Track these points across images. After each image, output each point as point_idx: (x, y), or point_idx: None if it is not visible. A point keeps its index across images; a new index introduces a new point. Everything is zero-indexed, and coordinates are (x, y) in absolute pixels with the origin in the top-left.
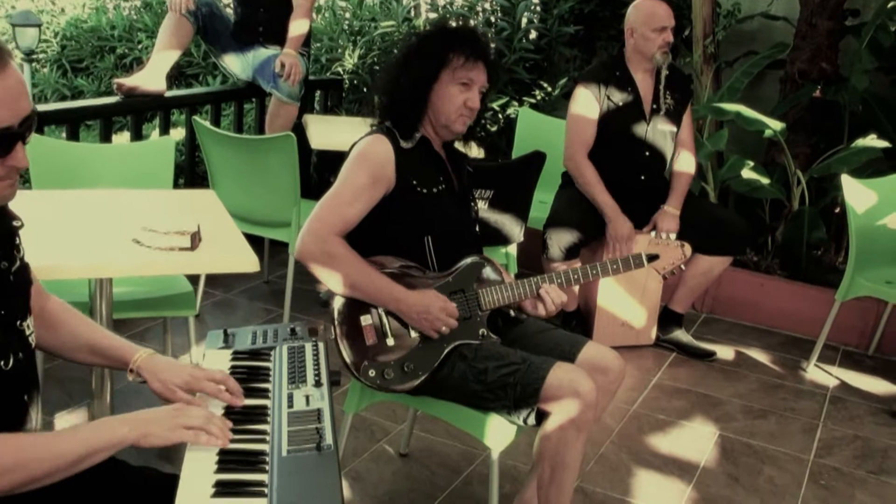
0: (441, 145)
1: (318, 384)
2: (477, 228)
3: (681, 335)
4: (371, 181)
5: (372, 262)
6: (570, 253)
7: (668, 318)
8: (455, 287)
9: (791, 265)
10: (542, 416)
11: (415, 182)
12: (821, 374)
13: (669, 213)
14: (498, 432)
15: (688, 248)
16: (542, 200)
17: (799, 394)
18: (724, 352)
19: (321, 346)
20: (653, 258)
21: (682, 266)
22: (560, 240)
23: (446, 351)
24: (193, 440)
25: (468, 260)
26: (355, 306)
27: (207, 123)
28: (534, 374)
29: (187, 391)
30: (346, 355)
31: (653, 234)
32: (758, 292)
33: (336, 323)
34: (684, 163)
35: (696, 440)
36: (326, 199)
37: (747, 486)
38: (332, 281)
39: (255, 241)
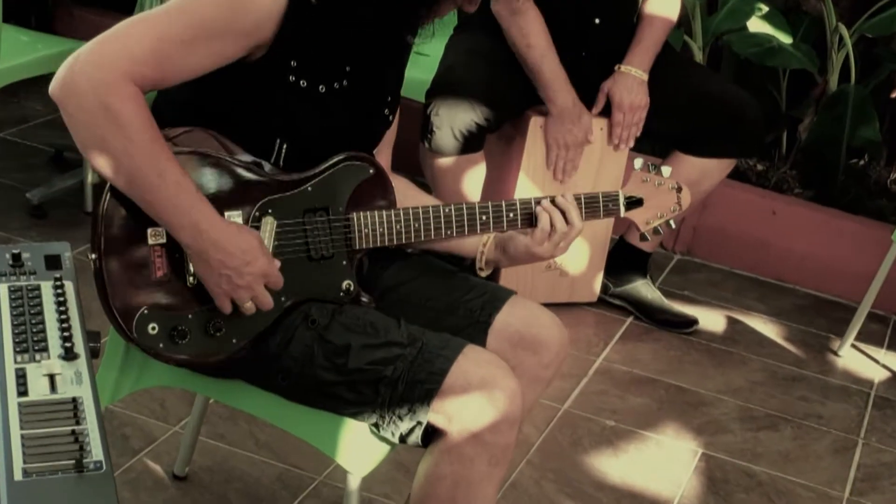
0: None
1: (69, 355)
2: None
3: (642, 288)
4: (230, 28)
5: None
6: (469, 143)
7: (622, 260)
8: (312, 202)
9: (819, 181)
10: (431, 434)
11: (294, 64)
12: (861, 360)
13: (631, 78)
14: (359, 449)
15: (686, 195)
16: (425, 53)
17: (827, 391)
18: (711, 319)
19: (69, 287)
20: (633, 203)
21: (673, 223)
22: (454, 118)
23: (284, 307)
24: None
25: (341, 158)
26: (135, 211)
27: None
28: (426, 366)
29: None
30: (113, 295)
31: (637, 163)
32: (765, 223)
33: (100, 236)
34: (661, 2)
35: (665, 463)
36: (140, 22)
37: None
38: (100, 158)
39: None
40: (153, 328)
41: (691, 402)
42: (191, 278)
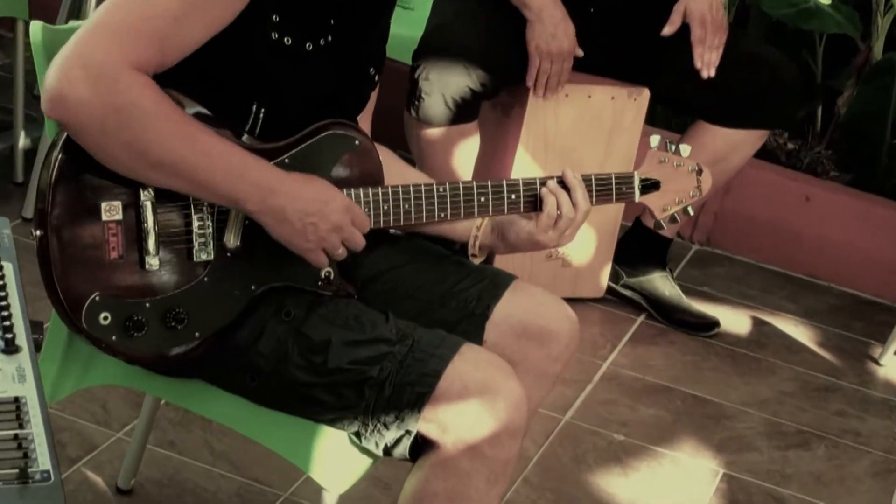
0: None
1: (9, 348)
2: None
3: (659, 282)
4: None
5: None
6: (462, 111)
7: (638, 246)
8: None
9: (859, 162)
10: (420, 446)
11: (276, 19)
12: None
13: None
14: (337, 461)
15: (707, 178)
16: (408, 6)
17: (867, 405)
18: (734, 320)
19: (9, 269)
20: (648, 186)
21: (691, 210)
22: (445, 83)
23: (253, 296)
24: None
25: (321, 125)
26: (90, 176)
27: None
28: (418, 367)
29: None
30: (60, 277)
31: (653, 141)
32: (796, 211)
33: (47, 210)
34: None
35: (681, 483)
36: (117, 6)
37: None
38: (139, 165)
39: None
40: (105, 318)
41: (711, 414)
42: (150, 260)
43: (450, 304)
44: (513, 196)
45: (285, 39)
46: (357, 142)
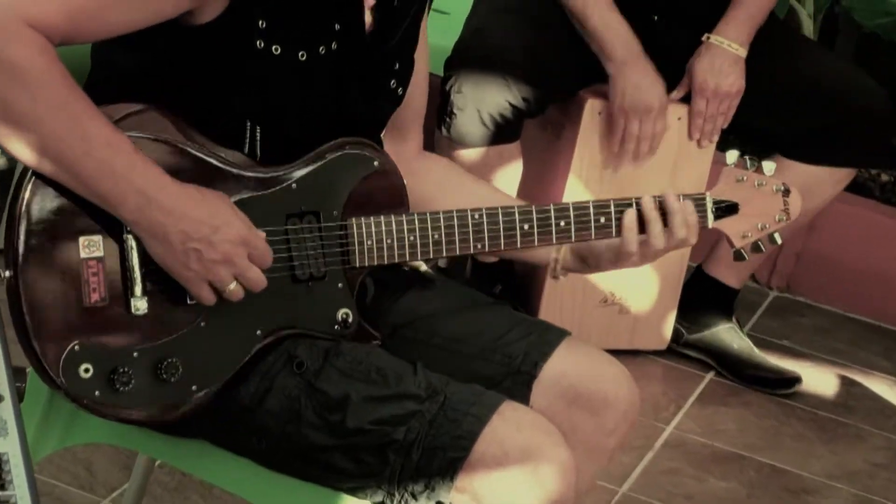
0: None
1: None
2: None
3: (726, 335)
4: None
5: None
6: (501, 131)
7: (701, 297)
8: (298, 204)
9: None
10: None
11: (262, 24)
12: None
13: (722, 53)
14: None
15: (797, 200)
16: (444, 10)
17: None
18: (818, 378)
19: None
20: (724, 209)
21: (778, 237)
22: (482, 97)
23: (259, 345)
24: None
25: (335, 145)
26: (65, 206)
27: None
28: (450, 428)
29: None
30: (34, 326)
31: (730, 157)
32: (892, 252)
33: (17, 246)
34: None
35: None
36: None
37: None
38: (4, 131)
39: None
40: (86, 370)
41: (791, 488)
42: (137, 303)
43: (492, 359)
44: (562, 223)
45: (273, 48)
46: (376, 162)
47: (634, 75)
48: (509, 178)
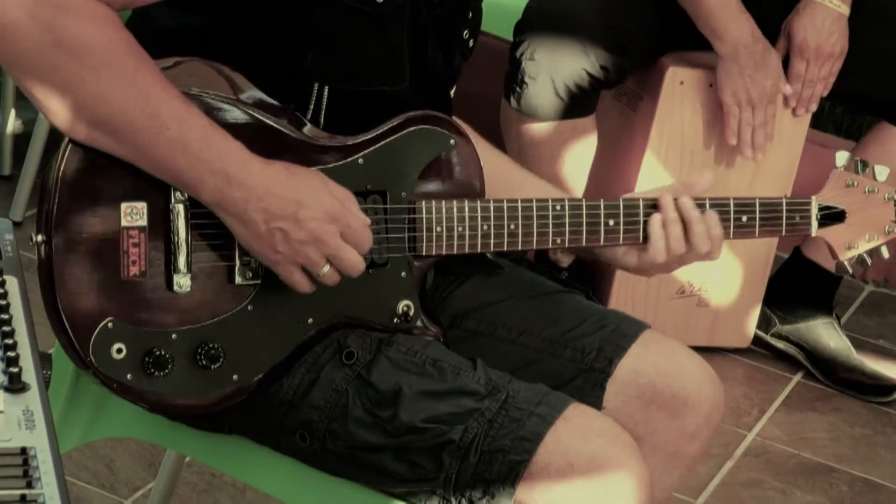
0: None
1: (14, 385)
2: (452, 94)
3: (823, 330)
4: None
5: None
6: (577, 103)
7: (798, 284)
8: (363, 181)
9: None
10: None
11: None
12: None
13: (822, 10)
14: None
15: None
16: None
17: None
18: None
19: (13, 285)
20: (830, 217)
21: (885, 251)
22: (556, 65)
23: (309, 334)
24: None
25: (408, 118)
26: (108, 170)
27: None
28: (512, 429)
29: None
30: (64, 296)
31: (840, 159)
32: None
33: (52, 211)
34: None
35: None
36: None
37: None
38: (56, 106)
39: None
40: (119, 350)
41: (887, 503)
42: (180, 280)
43: (562, 355)
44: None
45: None
46: (452, 141)
47: (748, 64)
48: (583, 154)
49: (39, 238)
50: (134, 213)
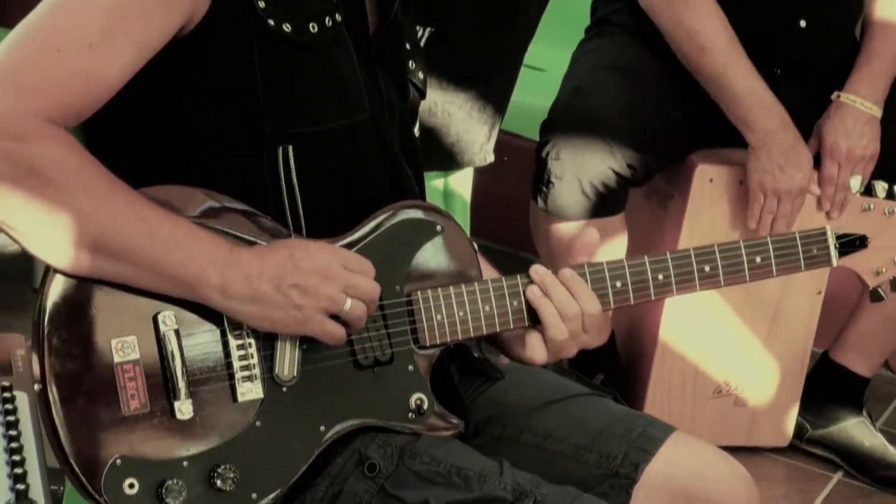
0: None
1: (20, 502)
2: (416, 133)
3: (855, 430)
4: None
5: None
6: (605, 202)
7: (826, 387)
8: None
9: None
10: None
11: (262, 4)
12: None
13: (854, 113)
14: None
15: None
16: (539, 66)
17: None
18: None
19: (23, 400)
20: (849, 244)
21: None
22: (582, 165)
23: (325, 442)
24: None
25: (388, 214)
26: (93, 305)
27: None
28: None
29: None
30: (70, 440)
31: (854, 184)
32: None
33: (44, 354)
34: None
35: None
36: (26, 32)
37: None
38: (51, 244)
39: None
40: (131, 485)
41: None
42: (181, 407)
43: (588, 460)
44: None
45: (284, 26)
46: (439, 227)
47: (778, 155)
48: (612, 254)
49: (37, 387)
50: (125, 348)
